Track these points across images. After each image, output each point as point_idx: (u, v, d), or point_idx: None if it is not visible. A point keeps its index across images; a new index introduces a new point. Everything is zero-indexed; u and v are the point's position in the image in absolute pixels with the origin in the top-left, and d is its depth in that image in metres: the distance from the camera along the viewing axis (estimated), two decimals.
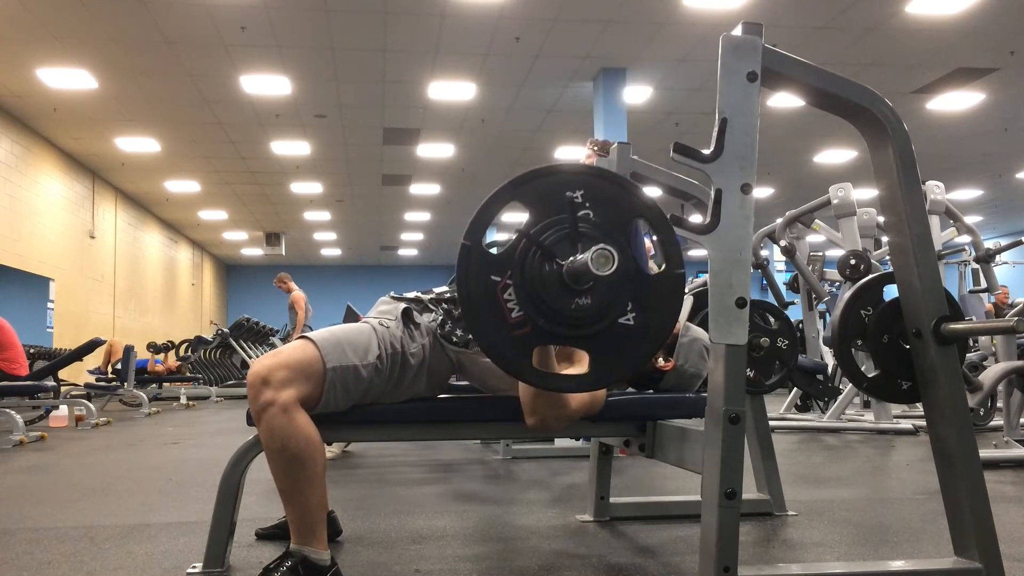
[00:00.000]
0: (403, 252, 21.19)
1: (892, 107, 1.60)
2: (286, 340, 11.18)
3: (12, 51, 8.04)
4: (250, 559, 1.94)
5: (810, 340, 5.89)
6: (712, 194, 1.46)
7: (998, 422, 4.86)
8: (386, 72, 8.71)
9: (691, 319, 2.34)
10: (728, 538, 1.40)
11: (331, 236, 18.80)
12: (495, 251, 1.50)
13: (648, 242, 4.04)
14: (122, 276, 14.52)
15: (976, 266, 7.10)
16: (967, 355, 4.11)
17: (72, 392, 8.42)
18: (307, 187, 13.86)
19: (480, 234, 1.45)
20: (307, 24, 7.52)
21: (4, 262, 9.97)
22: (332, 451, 4.01)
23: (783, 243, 5.71)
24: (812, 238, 6.35)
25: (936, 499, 2.29)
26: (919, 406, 2.08)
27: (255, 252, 20.18)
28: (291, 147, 11.43)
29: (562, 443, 4.02)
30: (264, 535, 2.18)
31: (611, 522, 2.37)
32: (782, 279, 7.82)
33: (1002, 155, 12.30)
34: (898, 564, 1.83)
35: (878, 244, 6.02)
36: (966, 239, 6.23)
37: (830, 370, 5.68)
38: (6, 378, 5.52)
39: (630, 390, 2.07)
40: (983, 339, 5.90)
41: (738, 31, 1.50)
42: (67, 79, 8.77)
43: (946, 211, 5.74)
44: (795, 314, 6.70)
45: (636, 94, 9.38)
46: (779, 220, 5.86)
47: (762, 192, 14.00)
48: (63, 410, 6.19)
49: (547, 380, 1.55)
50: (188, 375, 10.36)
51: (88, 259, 12.83)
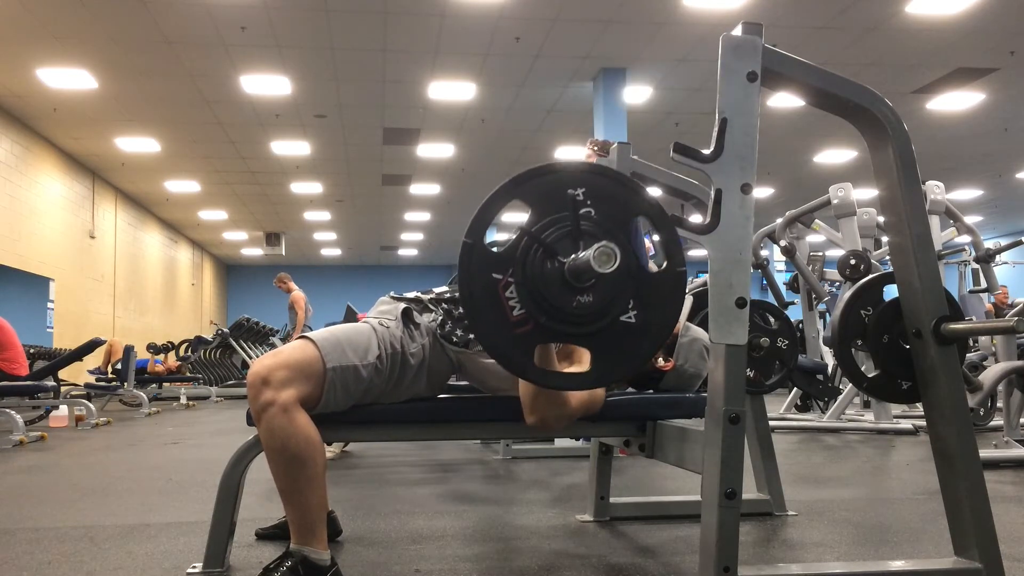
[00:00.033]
0: (403, 252, 21.19)
1: (892, 107, 1.60)
2: (286, 340, 11.18)
3: (12, 51, 8.04)
4: (250, 559, 1.94)
5: (810, 340, 5.89)
6: (712, 194, 1.46)
7: (998, 422, 4.86)
8: (386, 72, 8.72)
9: (691, 319, 2.34)
10: (728, 538, 1.40)
11: (331, 236, 18.80)
12: (496, 250, 1.50)
13: (648, 242, 4.04)
14: (122, 276, 14.52)
15: (976, 266, 7.10)
16: (967, 355, 4.11)
17: (72, 392, 8.42)
18: (307, 187, 13.86)
19: (482, 232, 1.45)
20: (307, 24, 7.52)
21: (4, 262, 9.98)
22: (331, 451, 4.01)
23: (783, 243, 5.72)
24: (812, 238, 6.35)
25: (936, 499, 2.29)
26: (919, 406, 2.08)
27: (255, 252, 20.19)
28: (291, 147, 11.44)
29: (562, 443, 4.02)
30: (264, 535, 2.18)
31: (611, 522, 2.37)
32: (782, 279, 7.82)
33: (1002, 155, 12.30)
34: (898, 564, 1.83)
35: (878, 244, 6.02)
36: (966, 239, 6.23)
37: (830, 370, 5.68)
38: (6, 378, 5.52)
39: (630, 390, 2.07)
40: (983, 339, 5.90)
41: (738, 31, 1.50)
42: (67, 79, 8.77)
43: (946, 211, 5.74)
44: (795, 314, 6.70)
45: (636, 94, 9.38)
46: (779, 220, 5.86)
47: (762, 192, 14.00)
48: (63, 410, 6.19)
49: (549, 378, 1.55)
50: (188, 375, 10.36)
51: (88, 259, 12.83)
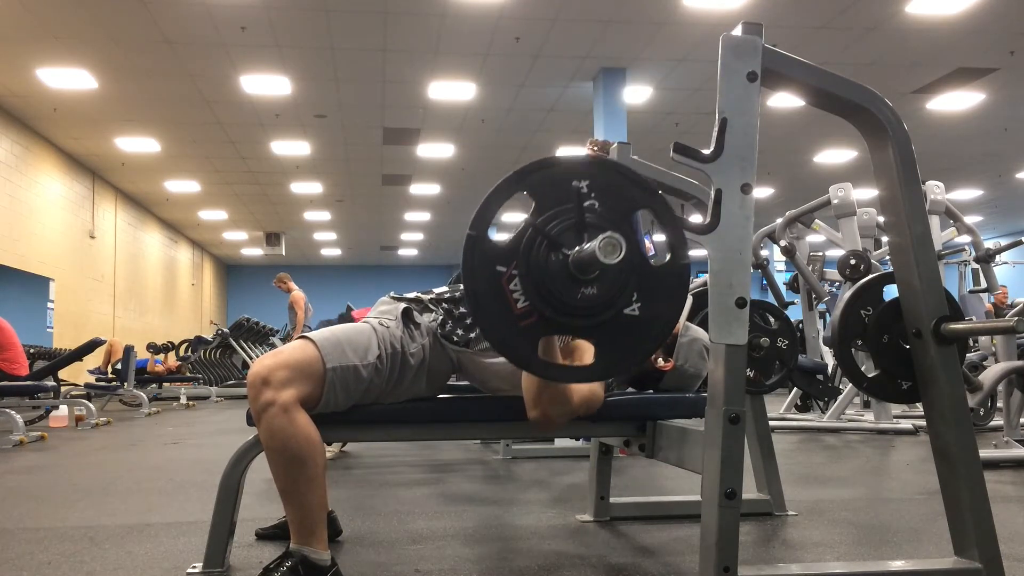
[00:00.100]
0: (403, 252, 21.19)
1: (892, 107, 1.60)
2: (286, 340, 11.18)
3: (12, 51, 8.04)
4: (250, 559, 1.94)
5: (810, 340, 5.89)
6: (712, 194, 1.46)
7: (998, 422, 4.86)
8: (386, 72, 8.71)
9: (691, 319, 2.34)
10: (728, 538, 1.40)
11: (331, 236, 18.80)
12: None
13: (648, 242, 4.04)
14: (122, 276, 14.52)
15: (976, 266, 7.10)
16: (967, 355, 4.11)
17: (72, 392, 8.42)
18: (307, 187, 13.86)
19: (486, 224, 1.44)
20: (307, 24, 7.52)
21: (4, 262, 9.97)
22: (330, 451, 4.01)
23: (783, 243, 5.72)
24: (812, 238, 6.35)
25: (936, 499, 2.29)
26: (919, 406, 2.08)
27: (255, 252, 20.18)
28: (291, 147, 11.44)
29: (562, 443, 4.01)
30: (264, 535, 2.18)
31: (611, 522, 2.37)
32: (782, 279, 7.82)
33: (1002, 155, 12.30)
34: (898, 564, 1.83)
35: (878, 244, 6.02)
36: (966, 239, 6.23)
37: (830, 370, 5.68)
38: (6, 378, 5.52)
39: (630, 390, 2.07)
40: (983, 339, 5.90)
41: (738, 31, 1.50)
42: (67, 79, 8.77)
43: (946, 211, 5.74)
44: (795, 314, 6.70)
45: (636, 94, 9.38)
46: (779, 220, 5.86)
47: (762, 192, 13.99)
48: (63, 410, 6.19)
49: (553, 371, 1.55)
50: (188, 375, 10.36)
51: (88, 259, 12.83)
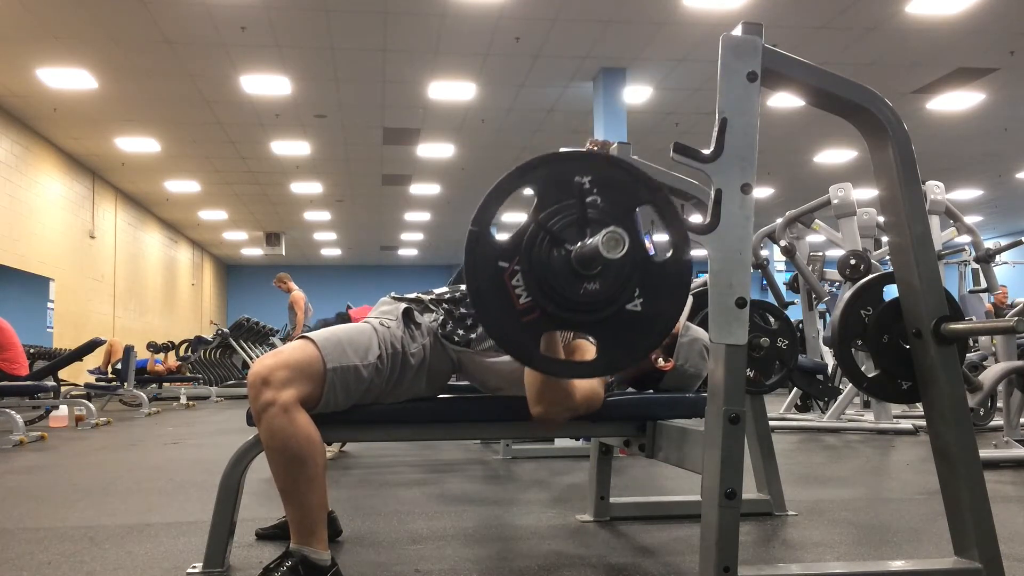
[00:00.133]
0: (403, 252, 21.19)
1: (892, 107, 1.60)
2: (286, 340, 11.18)
3: (12, 51, 8.04)
4: (250, 559, 1.94)
5: (810, 340, 5.89)
6: (712, 194, 1.46)
7: (998, 422, 4.86)
8: (386, 72, 8.71)
9: (691, 319, 2.34)
10: (728, 538, 1.40)
11: (331, 236, 18.80)
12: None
13: (648, 243, 4.04)
14: (122, 276, 14.52)
15: (976, 266, 7.10)
16: (967, 355, 4.11)
17: (72, 392, 8.42)
18: (307, 187, 13.86)
19: (488, 220, 1.44)
20: (307, 24, 7.52)
21: (4, 262, 9.97)
22: (329, 451, 4.01)
23: (783, 243, 5.72)
24: (812, 238, 6.35)
25: (936, 499, 2.29)
26: (919, 406, 2.08)
27: (255, 252, 20.18)
28: (291, 147, 11.44)
29: (562, 443, 4.01)
30: (264, 535, 2.18)
31: (611, 522, 2.37)
32: (782, 279, 7.82)
33: (1002, 155, 12.30)
34: (898, 564, 1.83)
35: (878, 244, 6.02)
36: (966, 239, 6.22)
37: (830, 370, 5.68)
38: (6, 378, 5.52)
39: (630, 390, 2.07)
40: (983, 339, 5.90)
41: (738, 31, 1.50)
42: (67, 79, 8.77)
43: (946, 211, 5.74)
44: (795, 314, 6.70)
45: (636, 94, 9.38)
46: (779, 220, 5.86)
47: (762, 192, 13.99)
48: (63, 410, 6.19)
49: (555, 366, 1.55)
50: (188, 375, 10.36)
51: (88, 259, 12.83)
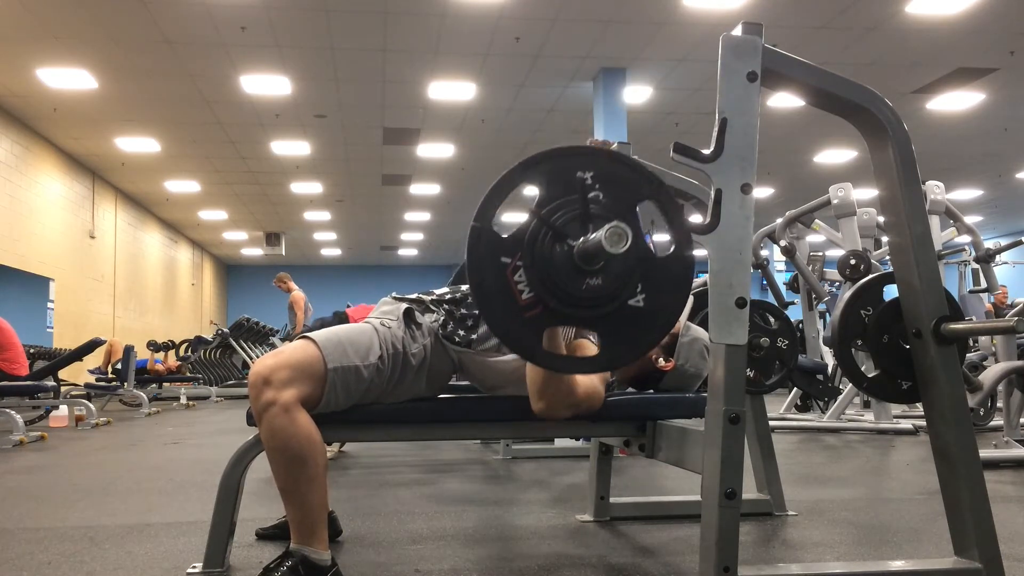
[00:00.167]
0: (403, 252, 21.18)
1: (892, 107, 1.60)
2: (286, 340, 11.17)
3: (12, 51, 8.04)
4: (250, 559, 1.94)
5: (810, 340, 5.89)
6: (712, 194, 1.46)
7: (998, 422, 4.86)
8: (386, 72, 8.71)
9: (691, 319, 2.34)
10: (728, 538, 1.40)
11: (331, 236, 18.80)
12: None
13: (648, 242, 4.04)
14: (122, 276, 14.52)
15: (976, 266, 7.10)
16: (967, 355, 4.11)
17: (72, 392, 8.42)
18: (307, 187, 13.86)
19: (490, 216, 1.44)
20: (307, 24, 7.52)
21: (4, 262, 9.97)
22: (329, 451, 4.01)
23: (783, 243, 5.72)
24: (812, 238, 6.35)
25: (936, 499, 2.29)
26: (919, 406, 2.08)
27: (255, 252, 20.18)
28: (291, 147, 11.43)
29: (562, 443, 4.01)
30: (264, 535, 2.18)
31: (611, 522, 2.37)
32: (782, 279, 7.82)
33: (1002, 155, 12.29)
34: (898, 564, 1.83)
35: (878, 244, 6.02)
36: (966, 239, 6.23)
37: (830, 370, 5.68)
38: (6, 378, 5.52)
39: (630, 390, 2.07)
40: (983, 339, 5.90)
41: (738, 31, 1.50)
42: (67, 79, 8.77)
43: (946, 211, 5.74)
44: (795, 314, 6.70)
45: (636, 94, 9.38)
46: (779, 220, 5.86)
47: (762, 192, 13.99)
48: (63, 410, 6.19)
49: (557, 362, 1.55)
50: (188, 375, 10.36)
51: (88, 259, 12.83)
